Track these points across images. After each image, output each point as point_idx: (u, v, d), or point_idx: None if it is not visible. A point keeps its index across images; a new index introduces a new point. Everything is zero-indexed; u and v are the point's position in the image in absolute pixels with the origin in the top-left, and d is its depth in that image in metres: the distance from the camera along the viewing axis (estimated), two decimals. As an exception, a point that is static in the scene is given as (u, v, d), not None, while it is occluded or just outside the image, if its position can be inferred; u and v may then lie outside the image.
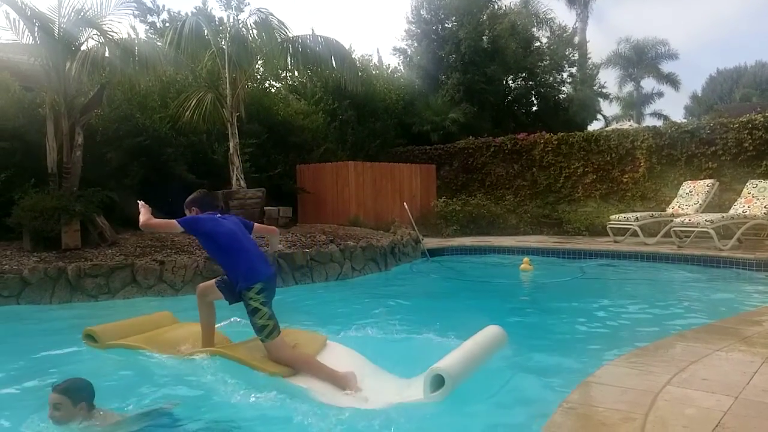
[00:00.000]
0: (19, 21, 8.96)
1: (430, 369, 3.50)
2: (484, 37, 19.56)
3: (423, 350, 4.61)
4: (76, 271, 7.54)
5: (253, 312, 4.16)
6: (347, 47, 12.44)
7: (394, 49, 21.64)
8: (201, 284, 4.74)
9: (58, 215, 8.35)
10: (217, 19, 15.91)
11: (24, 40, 9.15)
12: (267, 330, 4.13)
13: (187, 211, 4.53)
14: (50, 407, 3.29)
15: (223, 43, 11.47)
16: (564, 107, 21.38)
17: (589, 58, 24.70)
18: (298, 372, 4.11)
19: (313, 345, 4.50)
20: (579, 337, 5.55)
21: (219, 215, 4.50)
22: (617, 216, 11.50)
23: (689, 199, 11.51)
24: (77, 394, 3.32)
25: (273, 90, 16.43)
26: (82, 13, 9.09)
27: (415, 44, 20.93)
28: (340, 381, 3.96)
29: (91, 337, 4.86)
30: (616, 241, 11.32)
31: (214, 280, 4.59)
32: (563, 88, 22.26)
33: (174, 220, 4.18)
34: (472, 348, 3.89)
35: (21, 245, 8.57)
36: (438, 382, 3.48)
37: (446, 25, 20.27)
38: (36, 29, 8.84)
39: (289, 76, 17.14)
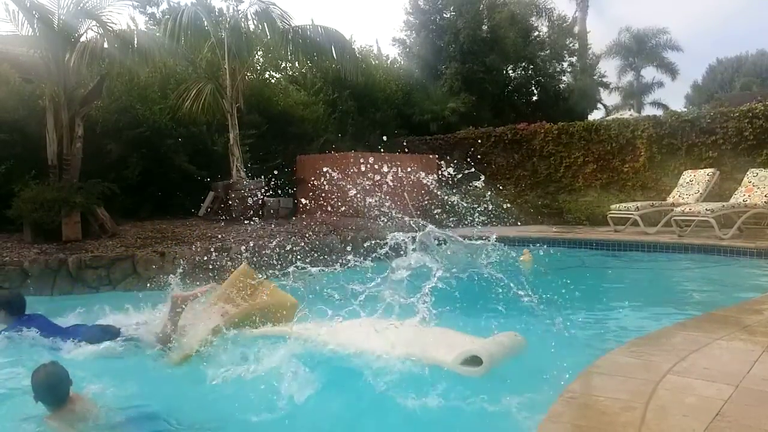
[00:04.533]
0: (18, 12, 8.94)
1: (480, 350, 3.69)
2: (483, 27, 19.49)
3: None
4: (76, 263, 7.53)
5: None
6: (347, 38, 12.41)
7: (394, 39, 21.63)
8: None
9: (59, 207, 8.35)
10: (216, 9, 15.85)
11: (23, 31, 9.13)
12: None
13: None
14: None
15: (222, 33, 11.43)
16: (564, 97, 21.33)
17: (590, 48, 24.62)
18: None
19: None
20: (579, 327, 5.55)
21: (26, 316, 4.71)
22: (618, 205, 11.49)
23: (690, 189, 11.50)
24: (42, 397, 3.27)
25: (273, 81, 16.37)
26: (81, 5, 9.04)
27: (414, 34, 20.87)
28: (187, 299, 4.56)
29: None
30: (616, 231, 11.32)
31: None
32: (563, 78, 22.25)
33: None
34: (509, 344, 4.06)
35: (21, 237, 8.58)
36: (472, 359, 3.68)
37: (445, 15, 20.20)
38: (35, 21, 8.81)
39: (289, 67, 17.08)
